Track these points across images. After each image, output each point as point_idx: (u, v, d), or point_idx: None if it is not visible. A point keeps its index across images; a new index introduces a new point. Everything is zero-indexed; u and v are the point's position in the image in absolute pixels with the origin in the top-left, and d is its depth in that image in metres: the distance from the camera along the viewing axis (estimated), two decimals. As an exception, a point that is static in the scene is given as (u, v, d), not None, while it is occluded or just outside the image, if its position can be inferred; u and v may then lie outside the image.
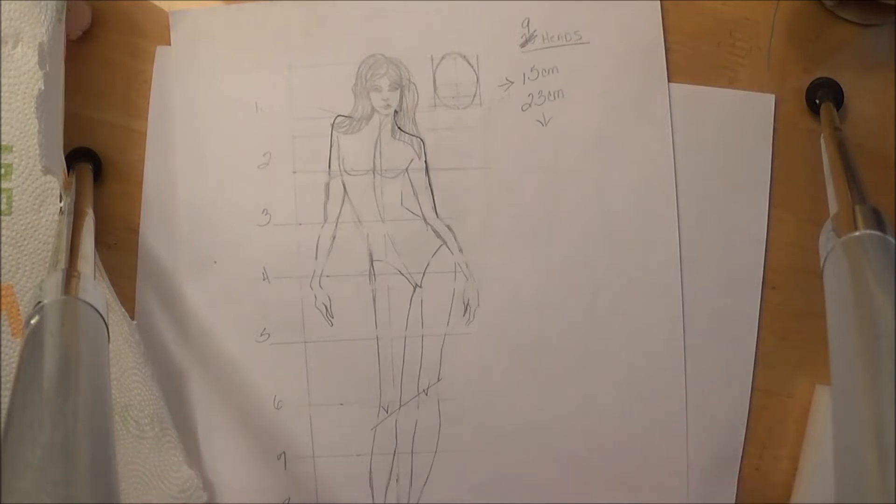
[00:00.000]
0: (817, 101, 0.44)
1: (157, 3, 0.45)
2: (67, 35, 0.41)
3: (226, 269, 0.44)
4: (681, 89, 0.44)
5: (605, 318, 0.44)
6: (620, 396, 0.44)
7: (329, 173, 0.44)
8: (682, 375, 0.44)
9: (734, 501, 0.44)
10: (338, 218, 0.44)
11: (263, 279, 0.44)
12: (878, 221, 0.32)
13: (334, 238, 0.44)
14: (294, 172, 0.44)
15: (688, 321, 0.44)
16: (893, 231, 0.32)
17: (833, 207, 0.35)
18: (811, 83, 0.44)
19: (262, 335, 0.44)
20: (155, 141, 0.44)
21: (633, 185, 0.44)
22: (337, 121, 0.44)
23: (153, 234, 0.44)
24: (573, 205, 0.44)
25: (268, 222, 0.44)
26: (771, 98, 0.45)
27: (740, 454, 0.44)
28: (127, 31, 0.44)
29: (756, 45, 0.45)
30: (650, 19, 0.44)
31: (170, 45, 0.44)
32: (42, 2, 0.38)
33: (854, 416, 0.27)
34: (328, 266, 0.44)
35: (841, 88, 0.44)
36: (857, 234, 0.32)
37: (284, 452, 0.44)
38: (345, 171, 0.44)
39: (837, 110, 0.43)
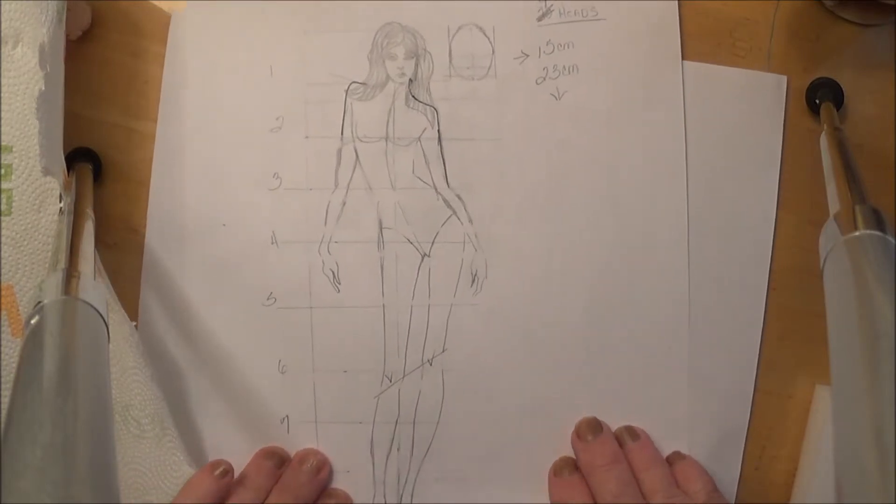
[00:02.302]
0: (817, 101, 0.44)
1: (157, 3, 0.45)
2: (67, 35, 0.41)
3: (234, 232, 0.44)
4: (693, 67, 0.44)
5: (612, 295, 0.44)
6: (623, 376, 0.44)
7: (341, 139, 0.44)
8: (685, 355, 0.44)
9: (734, 501, 0.44)
10: (349, 184, 0.44)
11: (272, 243, 0.44)
12: (878, 221, 0.32)
13: (344, 204, 0.44)
14: (306, 137, 0.44)
15: (693, 302, 0.44)
16: (893, 231, 0.32)
17: (833, 207, 0.35)
18: (811, 83, 0.44)
19: (268, 299, 0.44)
20: (168, 104, 0.44)
21: (644, 161, 0.44)
22: (351, 87, 0.44)
23: (161, 193, 0.44)
24: (584, 180, 0.44)
25: (278, 186, 0.44)
26: (783, 79, 0.45)
27: (741, 454, 0.44)
28: (127, 31, 0.44)
29: (756, 45, 0.45)
30: None
31: (183, 14, 0.44)
32: (42, 2, 0.38)
33: (854, 416, 0.27)
34: (337, 232, 0.44)
35: (841, 88, 0.44)
36: (857, 234, 0.32)
37: (288, 416, 0.44)
38: (357, 137, 0.44)
39: (837, 110, 0.43)
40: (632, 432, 0.43)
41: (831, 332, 0.30)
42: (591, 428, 0.43)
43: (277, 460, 0.43)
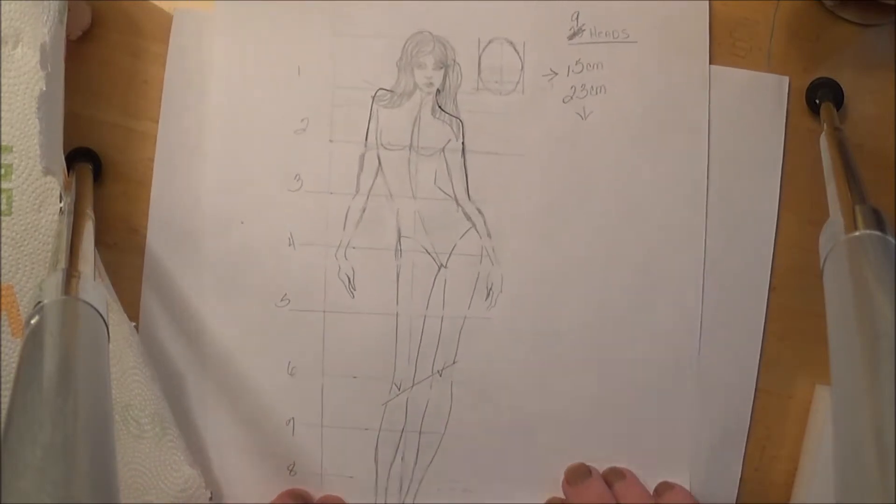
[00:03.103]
0: (817, 101, 0.44)
1: (157, 3, 0.45)
2: (67, 35, 0.41)
3: (252, 230, 0.44)
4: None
5: (625, 314, 0.44)
6: (633, 394, 0.44)
7: (365, 145, 0.44)
8: (695, 373, 0.44)
9: (735, 501, 0.44)
10: (370, 191, 0.44)
11: (289, 244, 0.44)
12: (878, 221, 0.32)
13: (364, 210, 0.44)
14: (330, 141, 0.44)
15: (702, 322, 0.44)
16: (893, 231, 0.32)
17: (833, 207, 0.35)
18: (811, 83, 0.44)
19: (282, 300, 0.44)
20: (171, 103, 0.44)
21: (666, 181, 0.44)
22: (378, 93, 0.44)
23: (171, 189, 0.44)
24: (604, 200, 0.44)
25: (299, 188, 0.44)
26: (785, 80, 0.45)
27: (742, 454, 0.44)
28: (127, 31, 0.44)
29: (756, 45, 0.45)
30: (698, 21, 0.44)
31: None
32: (43, 2, 0.38)
33: (854, 416, 0.27)
34: (355, 238, 0.44)
35: (841, 88, 0.44)
36: (857, 234, 0.32)
37: (294, 418, 0.44)
38: (381, 144, 0.44)
39: (837, 110, 0.43)
40: (617, 473, 0.43)
41: (831, 332, 0.30)
42: (579, 474, 0.43)
43: (301, 502, 0.43)
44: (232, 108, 0.44)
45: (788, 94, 0.45)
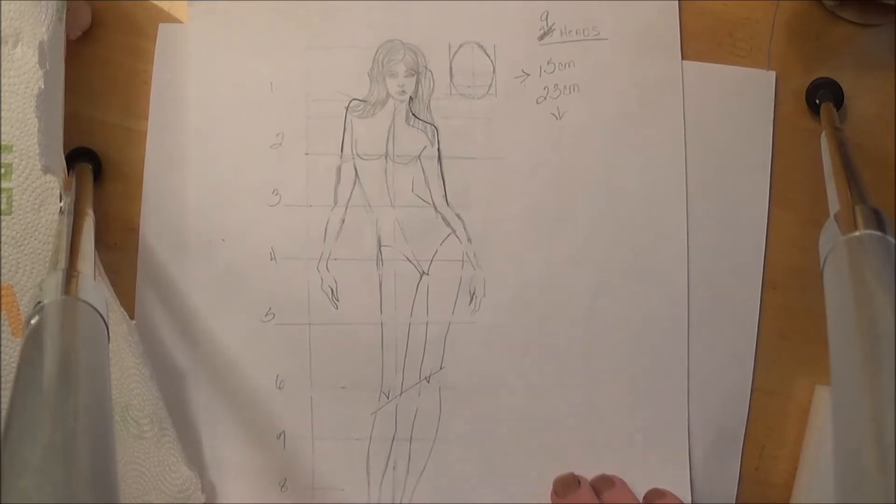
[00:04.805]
0: (817, 101, 0.44)
1: (157, 2, 0.45)
2: (67, 35, 0.41)
3: (234, 247, 0.44)
4: (688, 66, 0.44)
5: (611, 313, 0.44)
6: (623, 391, 0.44)
7: (341, 156, 0.44)
8: (685, 370, 0.44)
9: (734, 501, 0.44)
10: (348, 202, 0.44)
11: (271, 259, 0.44)
12: (878, 221, 0.32)
13: (343, 221, 0.44)
14: (306, 154, 0.44)
15: (690, 303, 0.44)
16: (893, 231, 0.32)
17: (833, 207, 0.35)
18: (811, 83, 0.44)
19: (267, 315, 0.44)
20: (158, 115, 0.44)
21: (644, 176, 0.44)
22: (352, 104, 0.44)
23: (157, 210, 0.44)
24: (584, 199, 0.44)
25: (278, 203, 0.44)
26: (772, 75, 0.44)
27: (740, 453, 0.44)
28: (127, 31, 0.44)
29: (756, 45, 0.45)
30: (668, 17, 0.44)
31: (173, 22, 0.44)
32: (42, 1, 0.38)
33: (854, 416, 0.27)
34: (336, 249, 0.44)
35: (841, 88, 0.44)
36: (857, 234, 0.32)
37: (284, 432, 0.44)
38: (357, 155, 0.44)
39: (837, 110, 0.43)
40: (607, 481, 0.43)
41: (831, 332, 0.30)
42: (567, 484, 0.43)
43: None
44: (208, 126, 0.44)
45: (777, 89, 0.45)
